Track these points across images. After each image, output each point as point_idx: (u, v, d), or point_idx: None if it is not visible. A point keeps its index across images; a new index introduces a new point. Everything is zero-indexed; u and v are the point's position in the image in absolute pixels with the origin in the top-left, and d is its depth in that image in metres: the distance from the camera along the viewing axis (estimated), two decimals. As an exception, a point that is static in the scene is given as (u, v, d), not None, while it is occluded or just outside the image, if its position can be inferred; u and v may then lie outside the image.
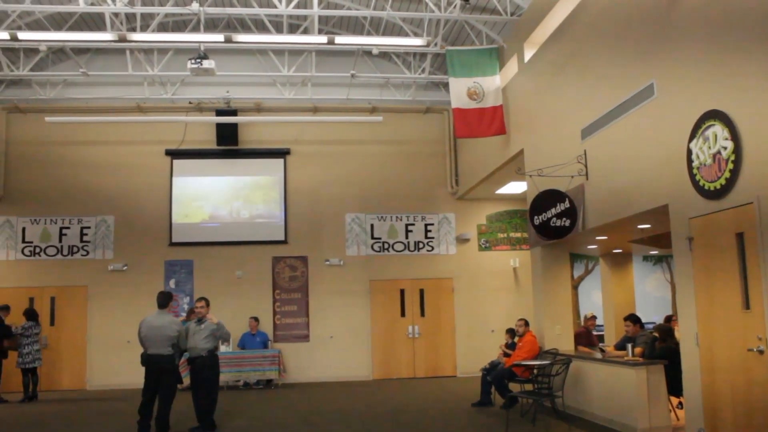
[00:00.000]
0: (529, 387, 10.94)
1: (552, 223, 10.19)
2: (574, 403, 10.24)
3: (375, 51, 13.85)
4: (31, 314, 13.96)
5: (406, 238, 16.71)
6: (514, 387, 11.33)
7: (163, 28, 15.01)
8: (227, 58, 15.45)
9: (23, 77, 15.16)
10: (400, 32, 14.29)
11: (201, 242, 16.18)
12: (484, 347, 15.79)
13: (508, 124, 13.00)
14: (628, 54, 8.73)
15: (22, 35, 12.03)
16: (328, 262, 16.34)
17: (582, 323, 12.78)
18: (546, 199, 10.31)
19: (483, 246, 16.90)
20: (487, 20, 13.72)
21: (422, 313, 16.54)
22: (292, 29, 15.27)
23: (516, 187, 15.29)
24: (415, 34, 13.87)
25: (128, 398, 12.86)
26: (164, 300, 9.51)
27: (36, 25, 13.69)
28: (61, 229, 15.98)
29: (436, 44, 13.51)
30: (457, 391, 13.71)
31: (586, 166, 9.87)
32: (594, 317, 12.92)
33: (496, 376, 11.39)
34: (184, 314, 14.20)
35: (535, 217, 10.45)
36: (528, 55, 12.46)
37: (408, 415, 11.07)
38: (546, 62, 11.50)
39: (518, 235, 17.02)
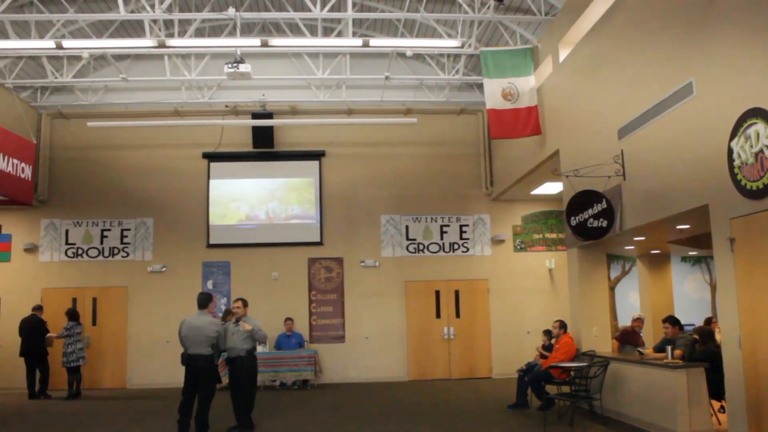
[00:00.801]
0: (566, 389, 10.88)
1: (589, 223, 10.14)
2: (612, 406, 10.18)
3: (409, 53, 13.88)
4: (72, 314, 14.28)
5: (441, 239, 16.72)
6: (551, 389, 11.26)
7: (199, 33, 15.22)
8: (262, 62, 15.59)
9: (66, 84, 15.47)
10: (434, 34, 14.31)
11: (238, 244, 16.36)
12: (520, 349, 15.80)
13: (543, 124, 12.96)
14: (665, 52, 8.66)
15: (67, 43, 12.30)
16: (363, 264, 16.42)
17: (630, 324, 12.64)
18: (583, 199, 10.26)
19: (518, 247, 16.85)
20: (521, 20, 13.70)
21: (457, 315, 16.53)
22: (326, 32, 15.38)
23: (551, 188, 15.23)
24: (449, 36, 13.88)
25: (167, 397, 13.07)
26: (204, 301, 9.65)
27: (79, 33, 13.97)
28: (102, 231, 16.29)
29: (470, 45, 13.51)
30: (493, 393, 13.69)
31: (623, 166, 9.81)
32: (641, 318, 12.73)
33: (532, 377, 11.34)
34: (221, 314, 14.36)
35: (572, 217, 10.41)
36: (563, 54, 12.41)
37: (444, 415, 11.09)
38: (581, 61, 11.44)
39: (554, 236, 16.94)
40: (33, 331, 14.28)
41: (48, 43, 12.29)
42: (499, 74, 13.20)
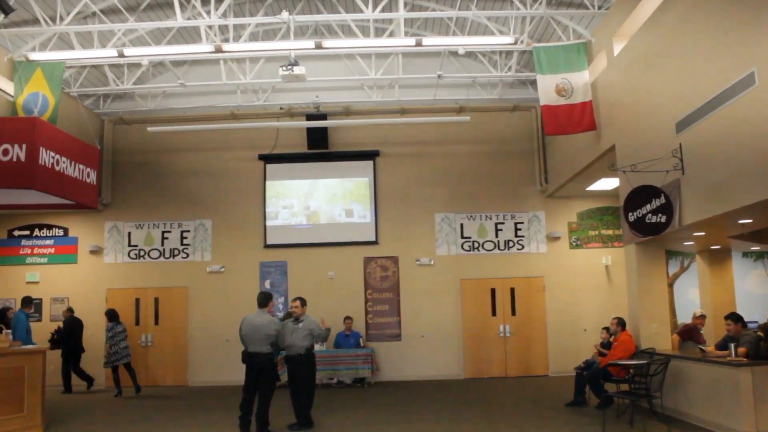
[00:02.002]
0: (625, 387, 10.78)
1: (647, 219, 10.02)
2: (673, 404, 10.06)
3: (461, 51, 13.89)
4: (111, 315, 14.70)
5: (496, 236, 16.68)
6: (610, 387, 11.17)
7: (253, 37, 15.47)
8: (316, 64, 15.76)
9: (127, 90, 15.90)
10: (485, 31, 14.28)
11: (294, 244, 16.60)
12: (577, 346, 15.68)
13: (598, 119, 12.84)
14: (725, 42, 8.49)
15: (128, 51, 12.65)
16: (418, 262, 16.49)
17: (691, 321, 12.43)
18: (640, 195, 10.14)
19: (574, 244, 16.71)
20: (573, 15, 13.58)
21: (513, 312, 16.48)
22: (378, 33, 15.48)
23: (607, 184, 15.07)
24: (501, 33, 13.85)
25: (228, 394, 13.34)
26: (264, 300, 9.83)
27: (138, 41, 14.35)
28: (163, 233, 16.71)
29: (522, 42, 13.46)
30: (550, 391, 13.62)
31: (681, 161, 9.67)
32: (704, 315, 12.50)
33: (591, 375, 11.27)
34: (280, 314, 14.58)
35: (630, 213, 10.31)
36: (617, 48, 12.26)
37: (501, 413, 11.09)
38: (637, 55, 11.30)
39: (610, 232, 16.74)
40: (72, 330, 14.87)
41: (110, 52, 12.68)
42: (553, 70, 13.11)
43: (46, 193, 10.49)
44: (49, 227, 16.74)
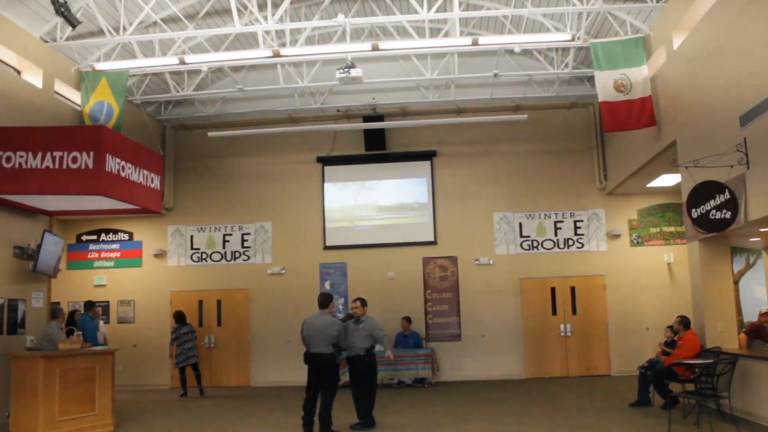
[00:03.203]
0: (690, 387, 10.57)
1: (711, 215, 9.81)
2: (741, 405, 9.81)
3: (517, 49, 13.80)
4: (177, 317, 15.04)
5: (555, 235, 16.53)
6: (675, 387, 10.97)
7: (309, 41, 15.62)
8: (371, 65, 15.81)
9: (187, 97, 16.24)
10: (541, 28, 14.16)
11: (353, 245, 16.74)
12: (639, 345, 15.45)
13: (658, 114, 12.60)
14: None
15: (189, 58, 12.95)
16: (477, 262, 16.45)
17: (757, 319, 12.11)
18: (704, 190, 9.93)
19: (635, 241, 16.44)
20: (631, 9, 13.36)
21: (574, 311, 16.30)
22: (433, 33, 15.47)
23: (668, 180, 14.77)
24: (557, 29, 13.70)
25: (290, 395, 13.52)
26: (325, 301, 9.92)
27: (197, 48, 14.66)
28: (224, 236, 17.04)
29: (579, 38, 13.29)
30: (613, 390, 13.45)
31: (746, 155, 9.43)
32: None
33: (655, 375, 11.07)
34: (340, 315, 14.69)
35: (693, 210, 10.10)
36: (677, 42, 12.01)
37: (563, 414, 10.98)
38: (697, 48, 11.05)
39: (672, 229, 16.41)
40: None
41: (172, 60, 13.00)
42: (611, 66, 12.92)
43: (113, 199, 10.78)
44: (115, 232, 17.23)
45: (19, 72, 12.35)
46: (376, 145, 16.78)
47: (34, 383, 9.44)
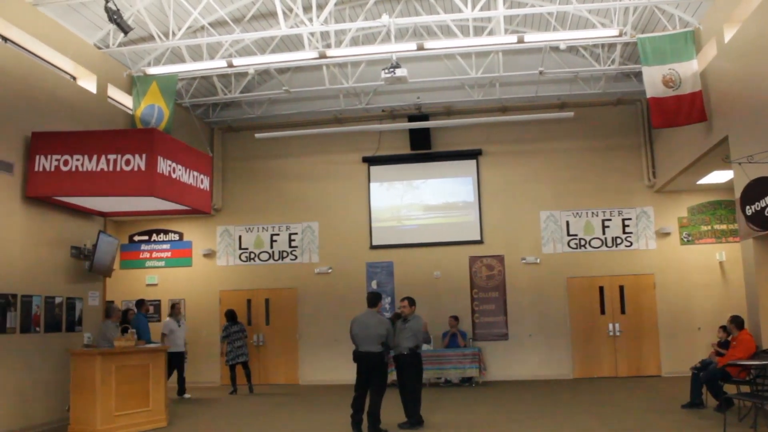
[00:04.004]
0: (746, 388, 10.35)
1: (766, 212, 9.62)
2: (799, 405, 9.60)
3: (562, 46, 13.70)
4: (227, 315, 15.30)
5: (603, 233, 16.38)
6: (729, 388, 10.73)
7: (354, 42, 15.72)
8: (416, 65, 15.83)
9: (234, 99, 16.50)
10: (587, 24, 14.04)
11: (400, 244, 16.81)
12: (691, 346, 15.23)
13: (708, 110, 12.40)
14: None
15: (237, 61, 13.16)
16: (524, 261, 16.38)
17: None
18: (759, 187, 9.72)
19: (685, 240, 16.18)
20: (679, 3, 13.12)
21: (623, 311, 16.13)
22: (477, 31, 15.45)
23: (720, 177, 14.50)
24: (603, 25, 13.57)
25: (339, 393, 13.61)
26: (374, 299, 9.96)
27: (244, 51, 14.88)
28: (272, 236, 17.26)
29: (626, 33, 13.14)
30: (664, 391, 13.26)
31: (801, 150, 9.25)
32: None
33: (708, 376, 10.86)
34: (388, 314, 14.76)
35: (747, 207, 9.92)
36: (728, 35, 11.78)
37: (613, 414, 10.86)
38: (750, 40, 10.82)
39: (724, 227, 16.10)
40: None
41: (220, 63, 13.23)
42: (659, 61, 12.75)
43: (164, 200, 11.03)
44: (166, 232, 17.57)
45: (74, 78, 12.72)
46: (422, 145, 16.82)
47: (92, 379, 9.71)
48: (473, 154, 16.91)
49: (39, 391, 10.62)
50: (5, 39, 10.99)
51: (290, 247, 17.19)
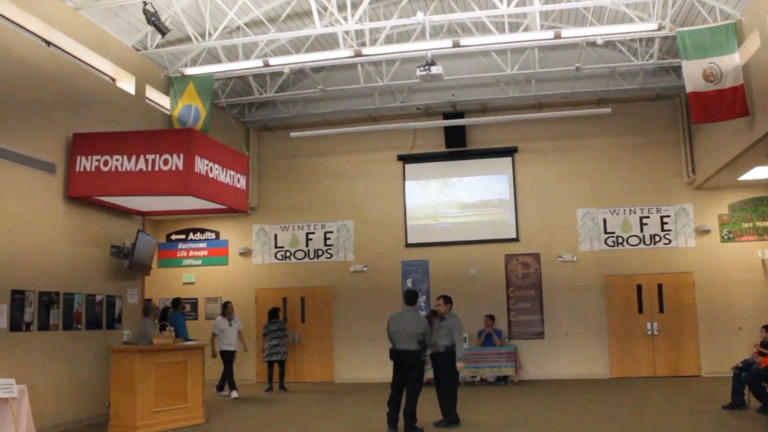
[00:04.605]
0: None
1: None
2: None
3: (600, 41, 13.55)
4: (269, 313, 15.43)
5: (641, 231, 16.18)
6: (773, 389, 10.57)
7: (388, 40, 15.71)
8: (451, 62, 15.75)
9: (270, 98, 16.62)
10: (624, 19, 13.86)
11: (435, 242, 16.78)
12: (732, 345, 14.97)
13: (751, 104, 12.14)
14: None
15: (273, 61, 13.24)
16: (561, 259, 16.25)
17: None
18: (801, 183, 9.54)
19: (725, 237, 15.91)
20: (720, -6, 12.93)
21: (661, 309, 15.91)
22: (512, 27, 15.34)
23: (762, 173, 14.22)
24: (641, 19, 13.37)
25: (374, 391, 13.64)
26: (412, 297, 9.94)
27: (279, 51, 14.96)
28: (307, 234, 17.35)
29: (664, 27, 12.94)
30: (704, 392, 13.07)
31: None
32: None
33: (750, 376, 10.66)
34: (423, 312, 14.74)
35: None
36: (772, 26, 11.56)
37: (652, 415, 10.72)
38: (794, 33, 10.59)
39: (766, 224, 15.80)
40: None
41: (256, 63, 13.32)
42: (699, 55, 12.51)
43: (202, 199, 11.15)
44: (202, 231, 17.77)
45: (114, 80, 12.91)
46: (457, 142, 16.77)
47: (132, 376, 9.87)
48: (509, 152, 16.81)
49: (80, 386, 10.81)
50: (48, 42, 11.17)
51: (325, 245, 17.26)
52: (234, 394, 13.97)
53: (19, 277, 9.74)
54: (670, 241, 16.05)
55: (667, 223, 16.10)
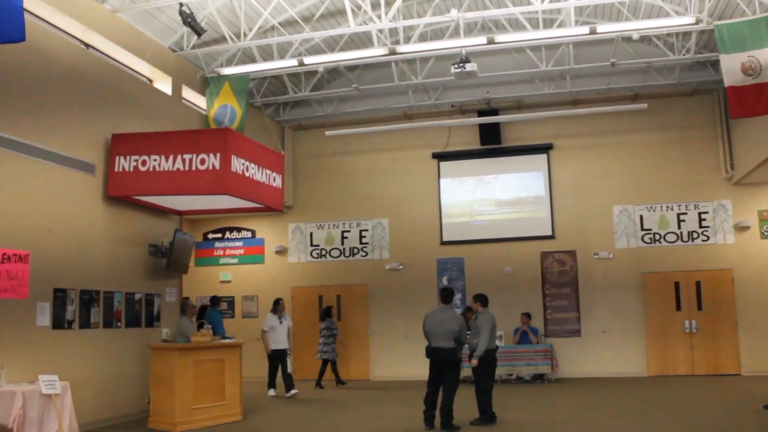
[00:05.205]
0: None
1: None
2: None
3: (635, 36, 13.40)
4: (322, 312, 15.51)
5: (679, 228, 15.98)
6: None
7: (422, 38, 15.70)
8: (484, 59, 15.66)
9: (304, 97, 16.73)
10: (660, 13, 13.68)
11: (470, 240, 16.75)
12: (773, 344, 14.73)
13: (791, 99, 11.94)
14: None
15: (308, 60, 13.31)
16: (597, 256, 16.12)
17: None
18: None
19: (766, 233, 15.62)
20: (759, -14, 12.71)
21: (699, 307, 15.70)
22: (546, 23, 15.24)
23: (804, 168, 13.99)
24: (678, 13, 13.20)
25: (410, 389, 13.64)
26: (448, 295, 9.94)
27: (313, 50, 15.04)
28: (342, 232, 17.45)
29: (701, 21, 12.75)
30: (745, 391, 12.84)
31: None
32: None
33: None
34: (458, 310, 14.75)
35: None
36: (813, 19, 11.33)
37: (690, 414, 10.57)
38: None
39: (808, 219, 15.54)
40: None
41: (291, 62, 13.41)
42: (738, 48, 12.28)
43: (239, 198, 11.26)
44: (239, 230, 17.96)
45: (151, 81, 13.09)
46: (492, 140, 16.72)
47: (171, 373, 10.00)
48: (544, 149, 16.73)
49: (121, 383, 11.00)
50: (87, 45, 11.38)
51: (361, 243, 17.33)
52: (271, 392, 14.00)
53: (60, 276, 9.95)
54: (708, 238, 15.83)
55: (705, 219, 15.88)
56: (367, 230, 17.34)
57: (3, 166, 9.03)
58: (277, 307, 14.29)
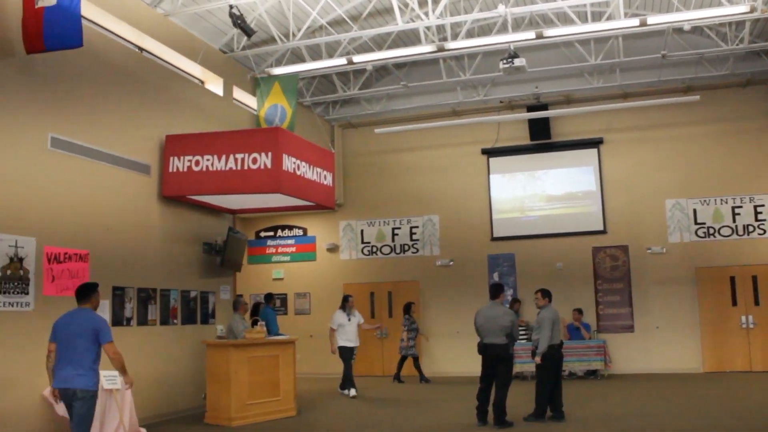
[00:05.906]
0: None
1: None
2: None
3: (687, 27, 13.17)
4: (403, 308, 15.71)
5: (734, 221, 15.68)
6: None
7: (469, 34, 15.68)
8: (532, 54, 15.52)
9: (353, 96, 16.87)
10: (711, 2, 13.42)
11: (521, 236, 16.71)
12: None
13: None
14: None
15: (357, 58, 13.45)
16: (650, 251, 15.90)
17: None
18: None
19: (825, 226, 15.27)
20: (817, -28, 12.37)
21: (756, 302, 15.38)
22: (595, 16, 15.06)
23: None
24: (731, 2, 12.93)
25: (462, 385, 13.65)
26: (497, 291, 9.93)
27: (361, 48, 15.15)
28: (393, 229, 17.56)
29: (756, 9, 12.46)
30: (805, 387, 12.59)
31: None
32: None
33: None
34: (507, 305, 14.71)
35: None
36: None
37: (748, 410, 10.36)
38: None
39: None
40: None
41: (339, 61, 13.55)
42: (794, 36, 12.04)
43: (290, 196, 11.42)
44: (290, 228, 18.20)
45: (202, 82, 13.36)
46: (541, 135, 16.64)
47: (226, 369, 10.21)
48: (594, 143, 16.58)
49: (178, 379, 11.27)
50: (141, 49, 11.67)
51: (411, 240, 17.41)
52: (352, 392, 13.25)
53: (119, 274, 10.24)
54: (765, 231, 15.49)
55: (761, 212, 15.54)
56: (417, 227, 17.41)
57: (62, 169, 9.32)
58: (346, 303, 13.75)
